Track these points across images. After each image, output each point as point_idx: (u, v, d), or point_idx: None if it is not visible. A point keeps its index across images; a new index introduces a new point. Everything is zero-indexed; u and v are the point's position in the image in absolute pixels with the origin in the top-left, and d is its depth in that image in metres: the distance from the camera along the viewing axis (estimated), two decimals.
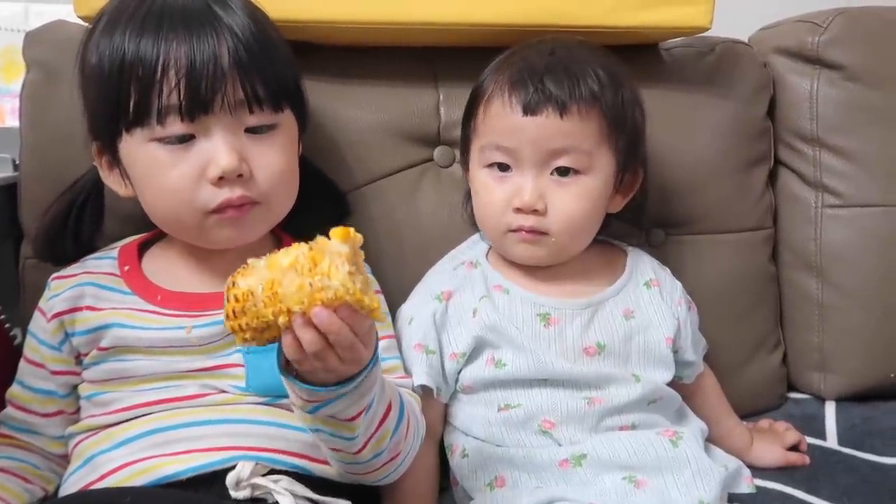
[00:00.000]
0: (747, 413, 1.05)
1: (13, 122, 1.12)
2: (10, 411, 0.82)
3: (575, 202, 0.85)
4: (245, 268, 0.61)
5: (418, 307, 0.90)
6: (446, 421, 0.90)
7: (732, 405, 1.01)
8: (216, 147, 0.75)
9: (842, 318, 1.10)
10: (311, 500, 0.73)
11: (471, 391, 0.88)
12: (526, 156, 0.84)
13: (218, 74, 0.74)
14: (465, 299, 0.88)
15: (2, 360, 0.87)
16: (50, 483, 0.82)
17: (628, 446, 0.81)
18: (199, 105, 0.73)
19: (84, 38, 0.80)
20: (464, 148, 0.93)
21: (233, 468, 0.72)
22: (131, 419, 0.77)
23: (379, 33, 0.95)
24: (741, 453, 0.95)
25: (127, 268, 0.83)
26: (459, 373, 0.87)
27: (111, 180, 0.82)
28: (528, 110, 0.83)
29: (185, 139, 0.75)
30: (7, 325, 0.92)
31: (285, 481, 0.73)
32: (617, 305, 0.89)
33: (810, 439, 1.02)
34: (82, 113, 0.81)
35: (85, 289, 0.81)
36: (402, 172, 1.01)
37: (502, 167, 0.86)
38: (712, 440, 0.93)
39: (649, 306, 0.90)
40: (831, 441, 1.03)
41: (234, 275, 0.61)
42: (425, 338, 0.87)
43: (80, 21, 0.92)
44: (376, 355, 0.66)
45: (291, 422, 0.76)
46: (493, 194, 0.87)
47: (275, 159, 0.78)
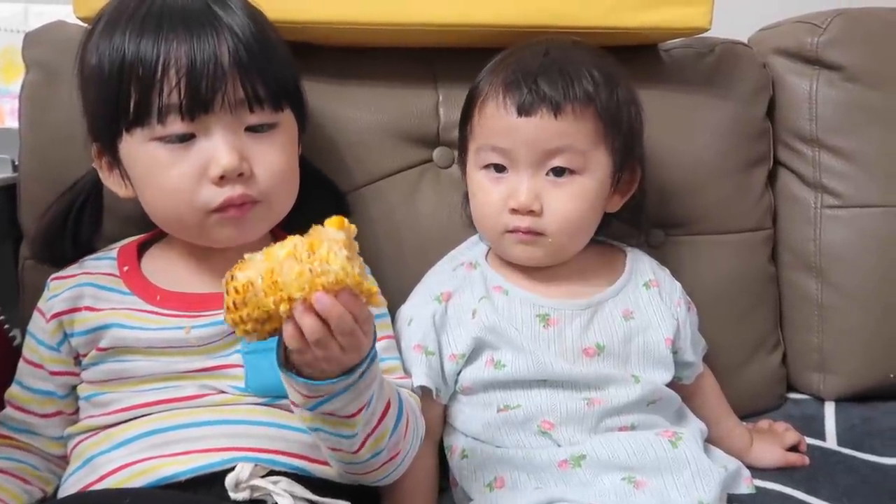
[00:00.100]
0: (747, 413, 1.05)
1: (12, 122, 1.12)
2: (9, 412, 0.82)
3: (571, 202, 0.85)
4: (242, 262, 0.61)
5: (418, 308, 0.90)
6: (446, 422, 0.90)
7: (732, 406, 1.01)
8: (217, 146, 0.75)
9: (841, 319, 1.10)
10: (311, 502, 0.73)
11: (470, 392, 0.88)
12: (521, 156, 0.84)
13: (218, 73, 0.74)
14: (465, 300, 0.88)
15: (1, 360, 0.87)
16: (49, 484, 0.82)
17: (628, 447, 0.81)
18: (199, 104, 0.74)
19: (83, 40, 0.80)
20: (461, 149, 0.93)
21: (232, 469, 0.71)
22: (130, 420, 0.76)
23: (378, 34, 0.95)
24: (741, 454, 0.95)
25: (126, 268, 0.83)
26: (459, 374, 0.87)
27: (111, 181, 0.82)
28: (523, 111, 0.83)
29: (185, 138, 0.75)
30: (6, 326, 0.92)
31: (284, 482, 0.73)
32: (616, 306, 0.89)
33: (810, 440, 1.02)
34: (82, 114, 0.81)
35: (84, 289, 0.81)
36: (402, 173, 1.01)
37: (498, 168, 0.87)
38: (712, 441, 0.93)
39: (649, 307, 0.90)
40: (831, 441, 1.03)
41: (232, 269, 0.61)
42: (425, 339, 0.87)
43: (79, 22, 0.92)
44: (374, 348, 0.66)
45: (291, 422, 0.76)
46: (490, 195, 0.87)
47: (275, 158, 0.78)
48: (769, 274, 1.12)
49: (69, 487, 0.76)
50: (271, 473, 0.73)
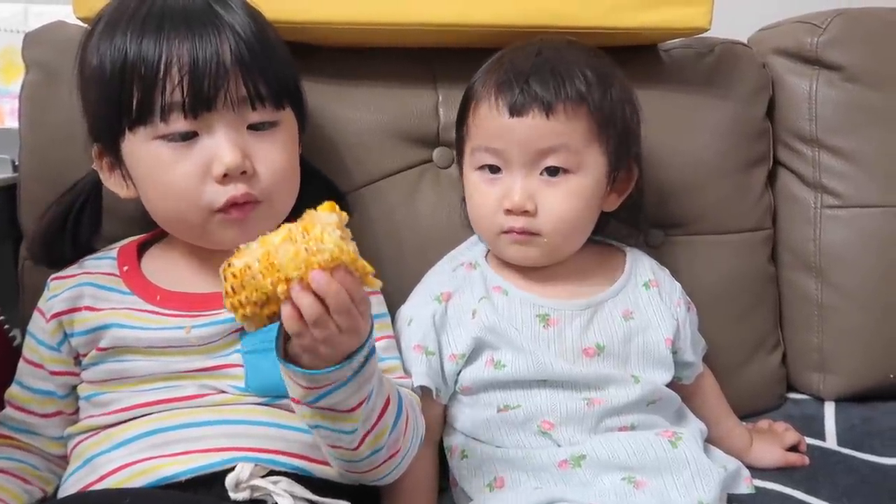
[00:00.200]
0: (747, 413, 1.05)
1: (12, 123, 1.12)
2: (10, 412, 0.82)
3: (565, 202, 0.85)
4: (238, 250, 0.62)
5: (418, 308, 0.90)
6: (446, 422, 0.90)
7: (732, 406, 1.01)
8: (219, 144, 0.75)
9: (841, 319, 1.10)
10: (311, 502, 0.73)
11: (470, 392, 0.88)
12: (514, 157, 0.84)
13: (220, 72, 0.74)
14: (465, 300, 0.88)
15: (1, 360, 0.87)
16: (49, 484, 0.82)
17: (627, 447, 0.81)
18: (202, 102, 0.74)
19: (83, 41, 0.80)
20: (458, 151, 0.94)
21: (232, 469, 0.71)
22: (130, 420, 0.77)
23: (378, 34, 0.95)
24: (740, 454, 0.95)
25: (126, 268, 0.83)
26: (459, 374, 0.87)
27: (112, 182, 0.82)
28: (514, 111, 0.83)
29: (188, 136, 0.75)
30: (6, 326, 0.92)
31: (285, 482, 0.73)
32: (616, 306, 0.89)
33: (809, 440, 1.02)
34: (82, 115, 0.81)
35: (84, 289, 0.81)
36: (401, 173, 1.01)
37: (493, 169, 0.87)
38: (712, 441, 0.93)
39: (648, 307, 0.90)
40: (830, 441, 1.03)
41: (229, 258, 0.62)
42: (425, 339, 0.87)
43: (79, 22, 0.92)
44: (372, 336, 0.66)
45: (291, 422, 0.76)
46: (485, 196, 0.87)
47: (277, 156, 0.79)
48: (769, 274, 1.12)
49: (69, 487, 0.76)
50: (271, 473, 0.73)
